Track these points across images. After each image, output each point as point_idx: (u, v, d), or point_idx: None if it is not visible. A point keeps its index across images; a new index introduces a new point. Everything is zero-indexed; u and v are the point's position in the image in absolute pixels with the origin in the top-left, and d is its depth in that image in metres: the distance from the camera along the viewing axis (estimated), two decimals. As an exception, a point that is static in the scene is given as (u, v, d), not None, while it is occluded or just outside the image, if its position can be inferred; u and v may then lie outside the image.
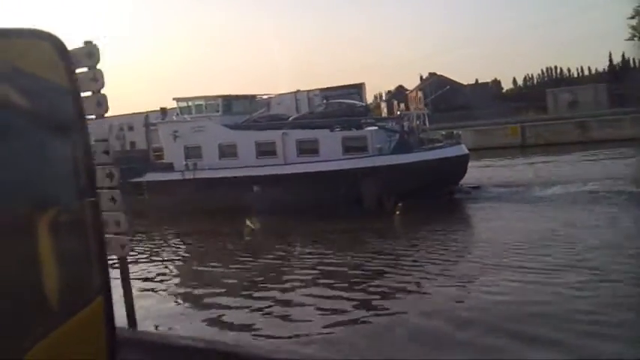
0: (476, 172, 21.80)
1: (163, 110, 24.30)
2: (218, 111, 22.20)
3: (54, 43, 1.74)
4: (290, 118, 21.70)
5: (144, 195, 20.23)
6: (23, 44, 1.71)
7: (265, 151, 19.54)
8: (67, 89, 1.77)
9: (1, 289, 1.67)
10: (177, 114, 23.75)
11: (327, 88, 60.57)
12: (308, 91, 57.28)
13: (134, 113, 29.87)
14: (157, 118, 24.28)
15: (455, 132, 22.80)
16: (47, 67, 1.74)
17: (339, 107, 22.44)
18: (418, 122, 21.43)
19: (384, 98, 60.17)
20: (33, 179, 1.75)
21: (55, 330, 1.77)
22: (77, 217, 1.83)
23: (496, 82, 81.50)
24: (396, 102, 25.15)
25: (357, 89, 58.17)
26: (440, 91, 32.17)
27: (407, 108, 22.84)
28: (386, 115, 25.33)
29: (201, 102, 23.30)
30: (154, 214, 19.00)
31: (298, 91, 63.50)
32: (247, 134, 20.35)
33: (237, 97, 24.05)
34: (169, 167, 21.09)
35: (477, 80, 77.75)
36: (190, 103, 23.23)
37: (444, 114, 56.02)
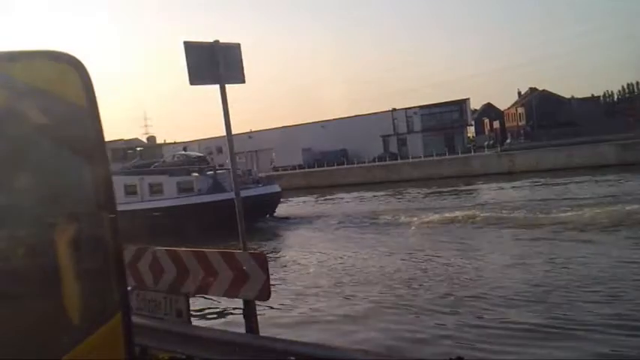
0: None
1: None
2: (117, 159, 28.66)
3: (75, 65, 1.80)
4: (152, 166, 28.03)
5: None
6: (45, 66, 1.78)
7: (130, 191, 24.80)
8: (87, 109, 1.82)
9: (21, 306, 1.69)
10: None
11: (427, 105, 58.79)
12: (406, 109, 56.14)
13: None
14: None
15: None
16: (68, 88, 1.80)
17: (183, 158, 29.14)
18: (250, 169, 29.02)
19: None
20: (53, 196, 1.81)
21: (75, 347, 1.77)
22: (96, 233, 1.86)
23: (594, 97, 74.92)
24: (487, 120, 24.23)
25: (459, 105, 55.92)
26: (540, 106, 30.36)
27: (503, 126, 21.91)
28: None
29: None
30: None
31: (394, 109, 62.17)
32: (118, 179, 24.73)
33: (132, 147, 31.19)
34: None
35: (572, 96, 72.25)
36: None
37: (548, 131, 52.58)
